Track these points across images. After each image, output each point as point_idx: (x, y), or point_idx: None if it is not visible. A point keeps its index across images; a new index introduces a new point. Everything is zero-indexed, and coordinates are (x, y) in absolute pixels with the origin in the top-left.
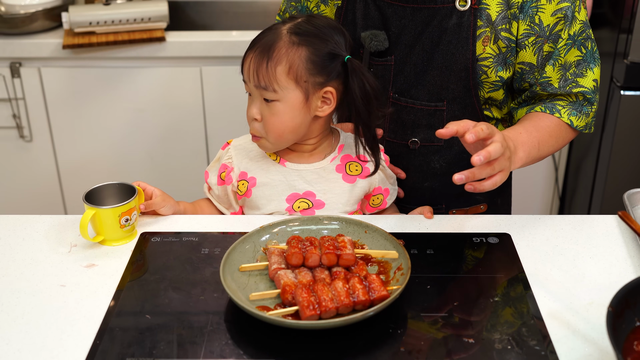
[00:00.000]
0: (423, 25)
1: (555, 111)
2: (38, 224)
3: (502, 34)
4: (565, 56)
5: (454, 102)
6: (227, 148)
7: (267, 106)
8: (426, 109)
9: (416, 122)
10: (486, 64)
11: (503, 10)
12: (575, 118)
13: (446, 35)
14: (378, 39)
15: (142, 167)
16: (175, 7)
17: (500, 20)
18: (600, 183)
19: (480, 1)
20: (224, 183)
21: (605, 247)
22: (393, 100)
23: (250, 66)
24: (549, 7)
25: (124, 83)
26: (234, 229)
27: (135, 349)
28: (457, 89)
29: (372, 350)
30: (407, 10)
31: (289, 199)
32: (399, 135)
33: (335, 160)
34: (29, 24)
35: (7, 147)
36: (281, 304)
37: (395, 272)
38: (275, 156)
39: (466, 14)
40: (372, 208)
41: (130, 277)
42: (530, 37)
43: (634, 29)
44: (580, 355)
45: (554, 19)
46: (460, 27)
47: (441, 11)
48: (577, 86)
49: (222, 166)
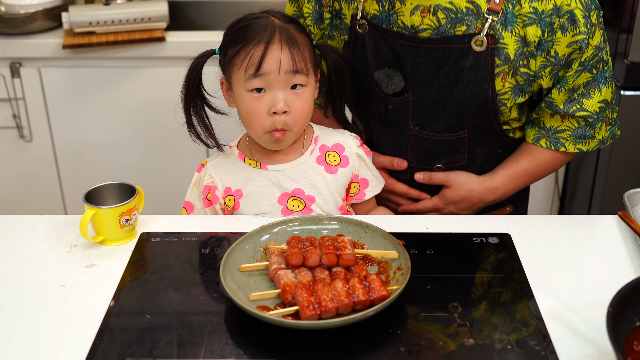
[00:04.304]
0: (439, 64)
1: (560, 145)
2: (38, 224)
3: (521, 70)
4: (573, 82)
5: (475, 128)
6: (204, 170)
7: (294, 94)
8: (448, 139)
9: (439, 151)
10: (506, 96)
11: (520, 47)
12: (582, 145)
13: (464, 75)
14: (394, 81)
15: (141, 167)
16: (175, 7)
17: (517, 57)
18: (600, 183)
19: (497, 41)
20: (212, 203)
21: (605, 247)
22: (414, 132)
23: (280, 54)
24: (564, 40)
25: (123, 83)
26: (234, 229)
27: (135, 349)
28: (478, 118)
29: (372, 350)
30: (421, 50)
31: (280, 200)
32: (423, 162)
33: (315, 152)
34: (29, 24)
35: (7, 147)
36: (281, 304)
37: (395, 272)
38: (255, 163)
39: (483, 54)
40: (351, 197)
41: (130, 277)
42: (547, 68)
43: (634, 29)
44: (580, 355)
45: (569, 49)
46: (478, 66)
47: (457, 51)
48: (581, 109)
49: (205, 188)
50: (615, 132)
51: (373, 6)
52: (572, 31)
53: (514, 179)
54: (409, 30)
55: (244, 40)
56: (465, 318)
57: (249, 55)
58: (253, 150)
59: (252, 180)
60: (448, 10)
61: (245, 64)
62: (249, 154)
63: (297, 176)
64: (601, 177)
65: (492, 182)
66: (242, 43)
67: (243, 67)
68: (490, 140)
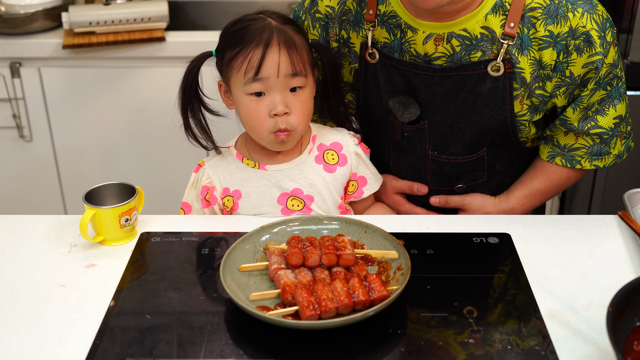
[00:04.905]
0: (455, 91)
1: (576, 162)
2: (38, 224)
3: (537, 92)
4: (588, 101)
5: (494, 146)
6: (201, 170)
7: (293, 96)
8: (468, 160)
9: (459, 172)
10: (525, 118)
11: (535, 70)
12: (598, 162)
13: (481, 100)
14: (409, 110)
15: (142, 167)
16: (175, 7)
17: (533, 80)
18: (600, 183)
19: (514, 65)
20: (210, 204)
21: (605, 247)
22: (432, 157)
23: (279, 57)
24: (580, 61)
25: (123, 83)
26: (234, 229)
27: (135, 349)
28: (497, 138)
29: (372, 350)
30: (436, 78)
31: (280, 200)
32: (444, 184)
33: (313, 151)
34: (29, 24)
35: (7, 147)
36: (281, 304)
37: (395, 272)
38: (253, 163)
39: (500, 79)
40: (349, 196)
41: (130, 277)
42: (562, 87)
43: (634, 29)
44: (580, 355)
45: (584, 70)
46: (495, 91)
47: (472, 77)
48: (596, 127)
49: (204, 188)
50: (630, 144)
51: (383, 34)
52: (587, 52)
53: (529, 199)
54: (422, 59)
55: (242, 42)
56: (465, 318)
57: (247, 58)
58: (251, 150)
59: (251, 180)
60: (462, 37)
61: (243, 67)
62: (247, 154)
63: (296, 176)
64: (601, 177)
65: (508, 203)
66: (240, 46)
67: (242, 71)
68: (509, 153)
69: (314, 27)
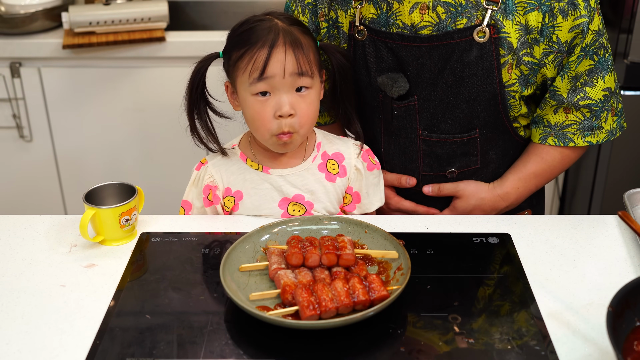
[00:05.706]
0: (442, 61)
1: (568, 140)
2: (38, 224)
3: (525, 59)
4: (576, 68)
5: (486, 127)
6: (204, 168)
7: (299, 97)
8: (459, 140)
9: (451, 154)
10: (513, 88)
11: (522, 35)
12: (591, 137)
13: (469, 69)
14: (398, 83)
15: (141, 167)
16: (175, 7)
17: (520, 46)
18: (600, 183)
19: (499, 30)
20: (212, 203)
21: (605, 247)
22: (423, 137)
23: (284, 57)
24: (566, 24)
25: (123, 83)
26: (234, 229)
27: (135, 349)
28: (488, 115)
29: (372, 350)
30: (423, 49)
31: (281, 205)
32: (435, 168)
33: (317, 159)
34: (29, 24)
35: (7, 147)
36: (281, 304)
37: (395, 272)
38: (257, 165)
39: (487, 45)
40: (344, 207)
41: (130, 277)
42: (550, 55)
43: (634, 29)
44: (580, 355)
45: (571, 34)
46: (483, 58)
47: (459, 46)
48: (585, 98)
49: (206, 187)
50: (622, 123)
51: (370, 10)
52: (572, 15)
53: (524, 182)
54: (409, 30)
55: (248, 43)
56: (465, 318)
57: (253, 59)
58: (255, 152)
59: (254, 183)
60: (447, 4)
61: (249, 67)
62: (252, 155)
63: (298, 182)
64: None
65: (503, 188)
66: (246, 47)
67: (247, 71)
68: (503, 140)
69: (303, 14)
